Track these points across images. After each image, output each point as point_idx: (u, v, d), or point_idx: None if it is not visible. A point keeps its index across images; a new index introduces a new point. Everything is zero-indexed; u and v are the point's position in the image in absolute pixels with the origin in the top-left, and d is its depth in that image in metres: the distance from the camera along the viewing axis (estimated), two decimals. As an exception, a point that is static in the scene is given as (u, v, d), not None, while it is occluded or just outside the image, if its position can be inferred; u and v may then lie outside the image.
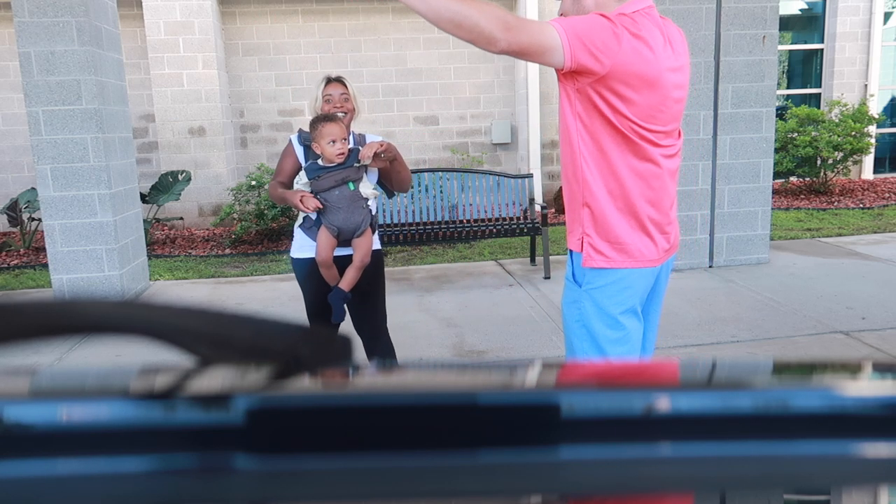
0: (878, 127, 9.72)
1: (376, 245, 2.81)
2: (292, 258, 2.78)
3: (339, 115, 2.70)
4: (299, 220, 2.76)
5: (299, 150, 2.74)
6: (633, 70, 1.65)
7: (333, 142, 2.60)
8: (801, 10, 9.95)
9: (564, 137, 1.82)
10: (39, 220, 6.99)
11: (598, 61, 1.62)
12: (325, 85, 2.73)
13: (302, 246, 2.73)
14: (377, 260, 2.81)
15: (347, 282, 2.69)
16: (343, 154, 2.63)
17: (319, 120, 2.65)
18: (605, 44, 1.61)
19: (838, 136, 8.25)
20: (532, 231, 5.58)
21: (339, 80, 2.76)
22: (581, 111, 1.73)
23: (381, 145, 2.61)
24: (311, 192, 2.66)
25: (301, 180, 2.69)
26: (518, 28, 1.59)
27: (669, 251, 1.92)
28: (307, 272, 2.73)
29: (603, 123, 1.72)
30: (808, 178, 8.83)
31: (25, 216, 7.30)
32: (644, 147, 1.75)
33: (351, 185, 2.68)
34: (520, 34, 1.59)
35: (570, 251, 1.93)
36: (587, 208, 1.81)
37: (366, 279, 2.75)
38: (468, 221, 5.89)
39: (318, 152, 2.64)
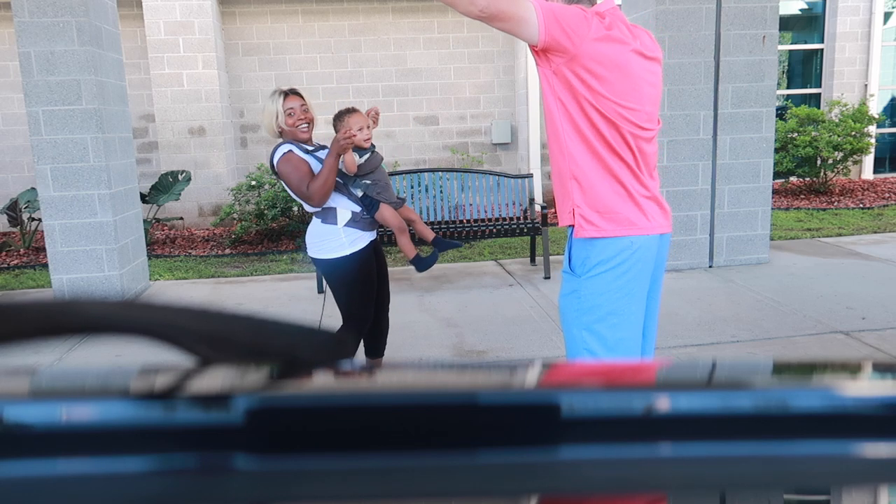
0: (878, 127, 9.72)
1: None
2: (346, 256, 2.80)
3: (304, 126, 2.83)
4: (346, 219, 2.81)
5: (308, 158, 2.81)
6: (602, 51, 1.78)
7: (361, 129, 2.83)
8: (801, 10, 9.95)
9: (548, 119, 1.92)
10: (39, 220, 6.99)
11: (569, 39, 1.75)
12: (284, 99, 2.80)
13: (354, 240, 2.82)
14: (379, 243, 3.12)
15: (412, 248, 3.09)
16: (370, 139, 2.89)
17: (344, 113, 2.88)
18: (577, 24, 1.76)
19: (838, 136, 8.25)
20: (532, 231, 5.58)
21: (296, 93, 2.85)
22: (560, 93, 1.84)
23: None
24: (359, 177, 2.88)
25: (357, 160, 2.87)
26: None
27: (663, 225, 1.97)
28: (366, 260, 2.86)
29: (582, 103, 1.82)
30: (808, 178, 8.83)
31: (25, 216, 7.30)
32: (623, 127, 1.84)
33: (384, 166, 3.01)
34: (498, 1, 1.72)
35: (568, 244, 1.99)
36: (575, 181, 1.89)
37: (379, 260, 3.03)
38: (468, 221, 5.90)
39: None
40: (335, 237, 2.79)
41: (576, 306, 1.92)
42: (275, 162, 2.79)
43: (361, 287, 2.87)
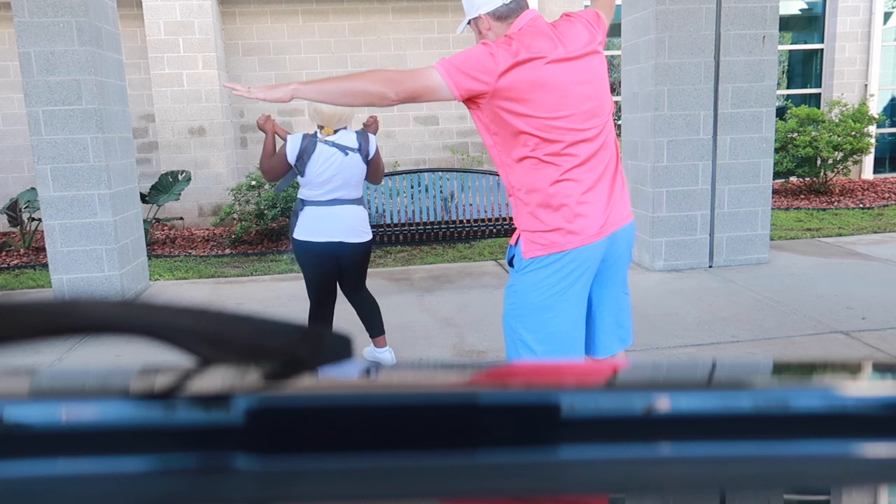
0: (878, 127, 9.71)
1: None
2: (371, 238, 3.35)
3: None
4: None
5: None
6: (516, 78, 1.86)
7: None
8: (801, 10, 9.95)
9: (489, 153, 2.04)
10: (39, 220, 6.99)
11: (481, 82, 1.86)
12: None
13: None
14: None
15: None
16: None
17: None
18: (483, 65, 1.84)
19: (838, 136, 8.25)
20: (532, 231, 5.56)
21: None
22: (494, 128, 1.94)
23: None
24: None
25: None
26: (401, 80, 1.87)
27: (613, 224, 2.00)
28: None
29: (515, 132, 1.91)
30: (808, 178, 8.82)
31: (25, 216, 7.30)
32: (562, 138, 1.90)
33: None
34: (404, 84, 1.86)
35: (511, 247, 2.08)
36: (518, 207, 2.01)
37: None
38: (468, 221, 5.90)
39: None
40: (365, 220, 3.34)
41: (511, 299, 2.03)
42: (374, 149, 3.18)
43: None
